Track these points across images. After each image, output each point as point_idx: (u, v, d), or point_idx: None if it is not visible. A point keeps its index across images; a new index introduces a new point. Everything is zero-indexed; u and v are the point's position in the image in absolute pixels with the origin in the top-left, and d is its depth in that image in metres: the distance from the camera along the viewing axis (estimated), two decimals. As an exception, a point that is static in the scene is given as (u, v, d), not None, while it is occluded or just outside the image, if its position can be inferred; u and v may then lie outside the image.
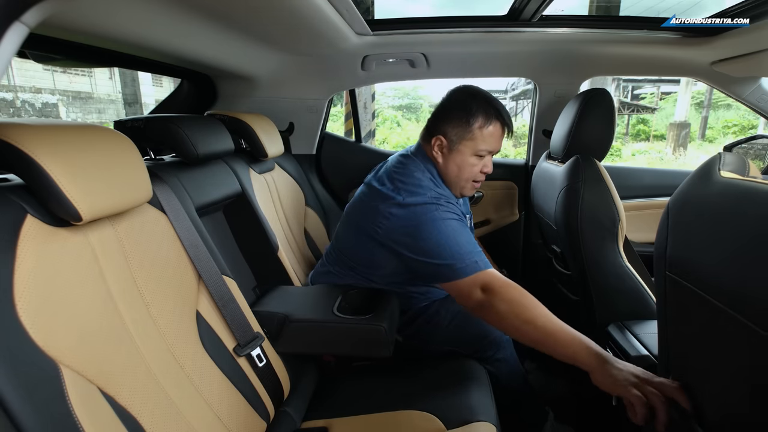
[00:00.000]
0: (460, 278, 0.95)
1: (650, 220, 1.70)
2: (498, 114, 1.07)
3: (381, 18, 1.49)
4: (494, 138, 1.08)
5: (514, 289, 0.92)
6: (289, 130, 1.76)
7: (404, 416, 0.91)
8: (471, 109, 1.06)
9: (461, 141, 1.07)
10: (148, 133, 1.00)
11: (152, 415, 0.62)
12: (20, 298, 0.49)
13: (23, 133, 0.54)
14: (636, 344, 0.96)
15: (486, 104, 1.07)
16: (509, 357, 1.14)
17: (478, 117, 1.06)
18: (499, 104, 1.09)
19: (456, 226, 1.00)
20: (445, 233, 0.98)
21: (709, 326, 0.57)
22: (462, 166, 1.09)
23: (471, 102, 1.07)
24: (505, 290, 0.91)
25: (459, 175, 1.10)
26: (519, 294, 0.91)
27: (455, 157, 1.09)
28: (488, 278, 0.94)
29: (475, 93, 1.09)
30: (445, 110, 1.10)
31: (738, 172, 0.59)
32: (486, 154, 1.10)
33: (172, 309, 0.73)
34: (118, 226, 0.68)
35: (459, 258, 0.96)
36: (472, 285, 0.94)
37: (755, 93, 1.56)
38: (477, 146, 1.07)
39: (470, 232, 1.04)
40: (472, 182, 1.12)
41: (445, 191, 1.09)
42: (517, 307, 0.89)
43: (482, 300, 0.93)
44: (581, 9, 9.17)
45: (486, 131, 1.06)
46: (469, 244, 0.98)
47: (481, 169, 1.11)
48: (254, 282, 1.21)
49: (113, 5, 0.78)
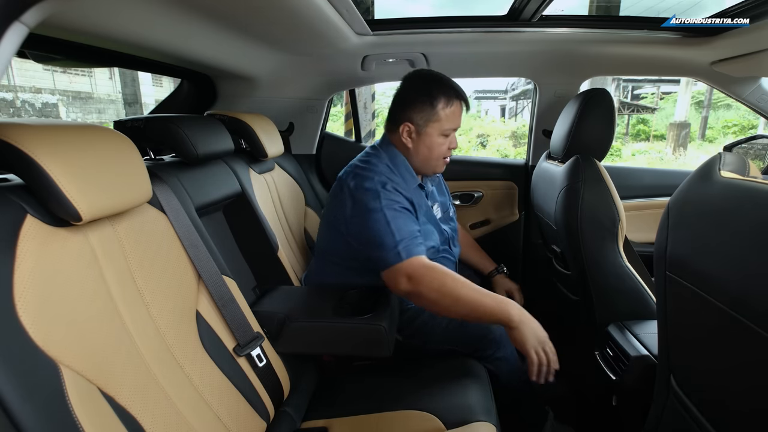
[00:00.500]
0: (385, 268, 1.02)
1: (650, 220, 1.70)
2: (457, 94, 1.14)
3: (381, 18, 1.48)
4: (456, 116, 1.15)
5: (437, 273, 0.98)
6: (289, 130, 1.76)
7: (404, 416, 0.91)
8: (432, 92, 1.12)
9: (428, 124, 1.13)
10: (148, 133, 1.00)
11: (152, 415, 0.62)
12: (20, 298, 0.49)
13: (23, 133, 0.54)
14: (636, 344, 0.96)
15: (445, 86, 1.13)
16: (509, 356, 1.14)
17: (440, 99, 1.11)
18: (455, 84, 1.15)
19: (392, 215, 1.04)
20: (378, 222, 1.03)
21: (710, 326, 0.57)
22: (431, 146, 1.15)
23: (431, 86, 1.12)
24: (429, 278, 0.98)
25: (429, 155, 1.16)
26: (442, 277, 0.98)
27: (424, 140, 1.15)
28: (411, 268, 0.99)
29: (432, 77, 1.15)
30: (407, 98, 1.15)
31: (738, 172, 0.59)
32: (450, 132, 1.16)
33: (171, 309, 0.73)
34: (118, 226, 0.68)
35: (384, 248, 1.01)
36: (397, 275, 1.00)
37: (755, 93, 1.56)
38: (443, 126, 1.14)
39: (409, 220, 1.07)
40: (442, 159, 1.19)
41: (396, 178, 1.13)
42: (443, 291, 0.97)
43: (409, 290, 1.00)
44: (581, 9, 9.17)
45: (449, 110, 1.13)
46: (400, 232, 1.02)
47: (448, 146, 1.17)
48: (254, 282, 1.21)
49: (113, 5, 0.78)
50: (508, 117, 16.45)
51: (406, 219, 1.06)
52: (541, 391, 1.21)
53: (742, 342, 0.50)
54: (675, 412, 0.66)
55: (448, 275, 0.98)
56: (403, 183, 1.13)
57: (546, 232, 1.42)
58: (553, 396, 1.47)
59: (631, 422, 1.01)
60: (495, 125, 13.18)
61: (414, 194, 1.15)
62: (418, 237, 1.05)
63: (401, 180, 1.14)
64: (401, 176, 1.15)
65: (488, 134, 11.34)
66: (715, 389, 0.58)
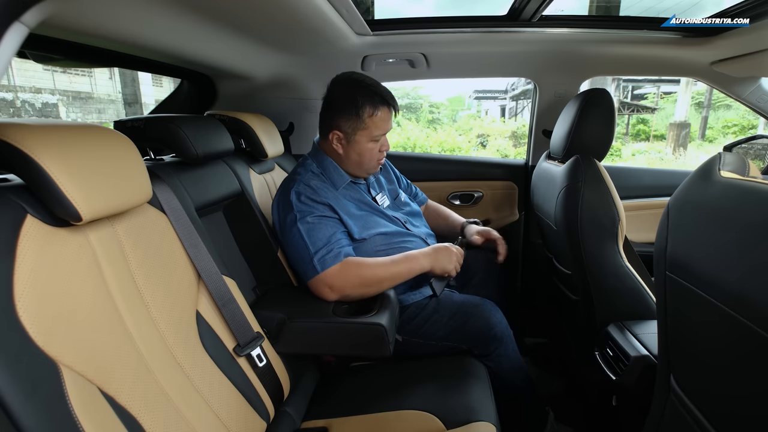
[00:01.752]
0: (307, 281, 1.08)
1: (650, 220, 1.70)
2: (383, 99, 1.14)
3: (381, 18, 1.48)
4: (384, 121, 1.15)
5: (351, 272, 1.06)
6: (289, 130, 1.76)
7: (404, 416, 0.91)
8: (357, 101, 1.12)
9: (356, 132, 1.15)
10: (148, 133, 1.00)
11: (152, 415, 0.62)
12: (20, 298, 0.49)
13: (23, 133, 0.54)
14: (636, 344, 0.96)
15: (370, 93, 1.13)
16: (511, 353, 1.14)
17: (365, 107, 1.12)
18: (382, 89, 1.15)
19: (306, 228, 1.08)
20: (294, 237, 1.08)
21: (710, 327, 0.57)
22: (362, 153, 1.17)
23: (355, 94, 1.13)
24: (345, 281, 1.05)
25: (361, 161, 1.19)
26: (357, 272, 1.06)
27: (354, 147, 1.16)
28: (328, 278, 1.05)
29: (357, 82, 1.15)
30: (333, 106, 1.16)
31: (738, 172, 0.59)
32: (380, 137, 1.18)
33: (171, 309, 0.73)
34: (118, 226, 0.68)
35: (303, 262, 1.07)
36: (319, 286, 1.06)
37: (755, 93, 1.56)
38: (371, 133, 1.15)
39: (324, 226, 1.09)
40: (375, 161, 1.21)
41: (320, 183, 1.15)
42: (364, 283, 1.07)
43: (335, 297, 1.06)
44: (581, 9, 9.17)
45: (376, 118, 1.14)
46: (314, 244, 1.06)
47: (379, 149, 1.19)
48: (254, 282, 1.21)
49: (113, 5, 0.78)
50: (508, 117, 16.44)
51: (321, 227, 1.09)
52: (541, 390, 1.21)
53: (742, 342, 0.50)
54: (675, 412, 0.66)
55: (362, 266, 1.07)
56: (326, 188, 1.16)
57: (546, 232, 1.42)
58: (553, 394, 1.48)
59: (631, 422, 1.01)
60: (495, 125, 13.16)
61: (343, 195, 1.19)
62: (333, 243, 1.08)
63: (325, 185, 1.17)
64: (329, 179, 1.19)
65: (488, 134, 11.34)
66: (715, 389, 0.58)
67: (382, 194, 1.33)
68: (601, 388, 1.18)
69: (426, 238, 1.31)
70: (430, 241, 1.32)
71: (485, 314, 1.13)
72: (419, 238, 1.28)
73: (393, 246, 1.20)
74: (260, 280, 1.22)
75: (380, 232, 1.19)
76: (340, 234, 1.11)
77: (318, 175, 1.18)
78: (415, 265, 1.12)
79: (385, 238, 1.20)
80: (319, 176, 1.18)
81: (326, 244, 1.07)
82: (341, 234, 1.12)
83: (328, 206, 1.13)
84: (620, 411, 1.09)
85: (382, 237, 1.19)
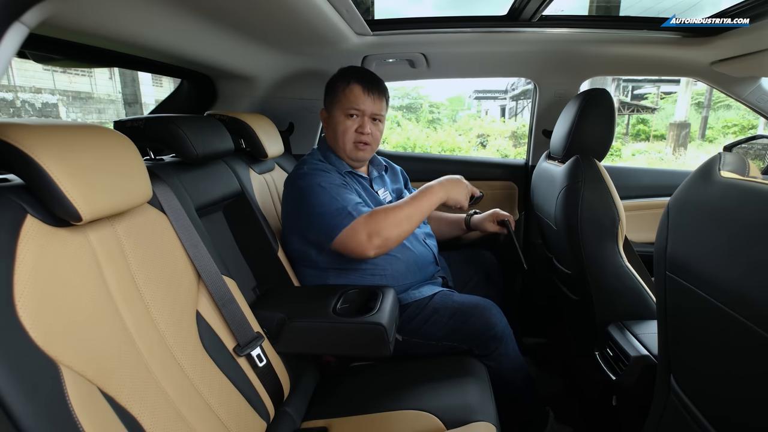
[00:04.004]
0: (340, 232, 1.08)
1: (650, 220, 1.70)
2: (356, 75, 1.22)
3: (381, 18, 1.48)
4: (356, 96, 1.20)
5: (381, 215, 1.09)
6: (289, 130, 1.76)
7: (404, 416, 0.91)
8: (336, 78, 1.24)
9: (333, 107, 1.23)
10: (148, 133, 1.00)
11: (152, 415, 0.62)
12: (20, 298, 0.49)
13: (23, 133, 0.54)
14: (636, 344, 0.96)
15: (349, 71, 1.23)
16: (511, 352, 1.14)
17: (341, 81, 1.22)
18: (362, 70, 1.25)
19: (332, 188, 1.12)
20: (322, 194, 1.11)
21: (710, 326, 0.57)
22: (336, 127, 1.23)
23: (339, 73, 1.25)
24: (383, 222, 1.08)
25: (336, 137, 1.23)
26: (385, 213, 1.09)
27: (332, 124, 1.24)
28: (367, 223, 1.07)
29: (347, 67, 1.26)
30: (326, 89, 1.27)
31: (738, 172, 0.59)
32: (355, 113, 1.22)
33: (171, 309, 0.73)
34: (118, 226, 0.68)
35: (335, 214, 1.09)
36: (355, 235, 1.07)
37: (755, 93, 1.56)
38: (343, 106, 1.21)
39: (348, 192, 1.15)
40: (354, 143, 1.23)
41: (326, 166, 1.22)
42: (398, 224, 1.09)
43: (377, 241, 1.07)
44: (581, 9, 9.16)
45: (348, 92, 1.21)
46: (344, 199, 1.11)
47: (356, 129, 1.22)
48: (254, 282, 1.21)
49: (113, 5, 0.78)
50: (508, 117, 16.44)
51: (347, 190, 1.15)
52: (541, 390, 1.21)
53: (741, 342, 0.50)
54: (675, 412, 0.66)
55: (389, 209, 1.11)
56: (333, 170, 1.21)
57: (546, 232, 1.42)
58: (553, 394, 1.48)
59: (631, 422, 1.01)
60: (495, 125, 13.16)
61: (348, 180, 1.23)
62: (359, 202, 1.14)
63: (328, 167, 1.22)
64: (333, 165, 1.24)
65: (488, 134, 11.34)
66: (715, 389, 0.58)
67: (384, 190, 1.35)
68: (601, 388, 1.18)
69: (425, 238, 1.31)
70: (429, 242, 1.32)
71: (485, 314, 1.13)
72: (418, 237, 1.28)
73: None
74: (260, 280, 1.22)
75: None
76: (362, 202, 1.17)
77: (323, 162, 1.24)
78: (434, 197, 1.16)
79: None
80: (324, 163, 1.24)
81: (357, 202, 1.13)
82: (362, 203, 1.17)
83: (343, 181, 1.19)
84: (620, 411, 1.09)
85: None
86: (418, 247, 1.26)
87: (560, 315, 1.52)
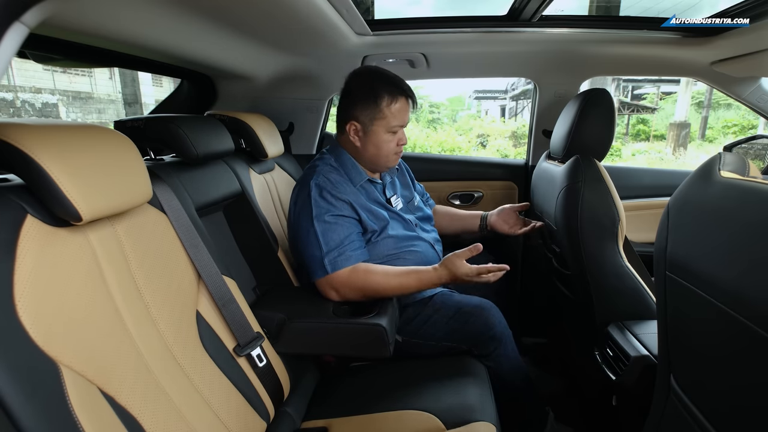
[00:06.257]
0: (314, 279, 1.09)
1: (650, 220, 1.70)
2: (401, 90, 1.13)
3: (381, 18, 1.48)
4: (402, 113, 1.14)
5: (359, 278, 1.05)
6: (289, 130, 1.76)
7: (404, 416, 0.91)
8: (376, 90, 1.12)
9: (373, 122, 1.13)
10: (148, 133, 1.00)
11: (152, 415, 0.62)
12: (20, 298, 0.49)
13: (23, 133, 0.54)
14: (636, 344, 0.96)
15: (389, 83, 1.13)
16: (510, 353, 1.14)
17: (383, 96, 1.11)
18: (400, 80, 1.15)
19: (322, 228, 1.07)
20: (309, 235, 1.08)
21: (710, 327, 0.57)
22: (379, 144, 1.16)
23: (375, 83, 1.13)
24: (350, 287, 1.06)
25: (378, 153, 1.17)
26: (365, 278, 1.05)
27: (371, 138, 1.15)
28: (335, 281, 1.06)
29: (376, 73, 1.15)
30: (351, 96, 1.15)
31: (738, 172, 0.59)
32: (398, 129, 1.17)
33: (171, 309, 0.73)
34: (118, 226, 0.68)
35: (313, 260, 1.07)
36: (324, 286, 1.08)
37: (755, 93, 1.56)
38: (389, 123, 1.14)
39: (341, 228, 1.09)
40: (393, 155, 1.19)
41: (339, 178, 1.15)
42: (366, 293, 1.06)
43: (338, 298, 1.07)
44: (581, 9, 9.17)
45: (394, 108, 1.13)
46: (327, 244, 1.06)
47: (397, 143, 1.18)
48: (254, 282, 1.21)
49: (113, 5, 0.78)
50: (508, 117, 16.44)
51: (337, 227, 1.08)
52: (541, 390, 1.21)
53: (741, 342, 0.51)
54: (675, 412, 0.66)
55: (371, 274, 1.06)
56: (345, 183, 1.15)
57: (546, 232, 1.42)
58: (553, 394, 1.48)
59: (631, 422, 1.01)
60: (495, 125, 13.17)
61: (360, 192, 1.17)
62: (346, 245, 1.07)
63: (344, 179, 1.16)
64: (347, 175, 1.17)
65: (488, 134, 11.34)
66: (715, 389, 0.58)
67: (396, 197, 1.32)
68: (601, 388, 1.18)
69: (434, 243, 1.30)
70: (437, 247, 1.31)
71: (485, 314, 1.13)
72: (427, 242, 1.27)
73: (402, 249, 1.19)
74: (260, 280, 1.22)
75: (390, 235, 1.18)
76: (355, 236, 1.10)
77: (336, 169, 1.16)
78: (424, 276, 1.06)
79: (395, 242, 1.19)
80: (337, 170, 1.16)
81: (339, 246, 1.07)
82: (356, 236, 1.11)
83: (347, 204, 1.12)
84: (620, 411, 1.09)
85: (392, 240, 1.18)
86: (427, 252, 1.25)
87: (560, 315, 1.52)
